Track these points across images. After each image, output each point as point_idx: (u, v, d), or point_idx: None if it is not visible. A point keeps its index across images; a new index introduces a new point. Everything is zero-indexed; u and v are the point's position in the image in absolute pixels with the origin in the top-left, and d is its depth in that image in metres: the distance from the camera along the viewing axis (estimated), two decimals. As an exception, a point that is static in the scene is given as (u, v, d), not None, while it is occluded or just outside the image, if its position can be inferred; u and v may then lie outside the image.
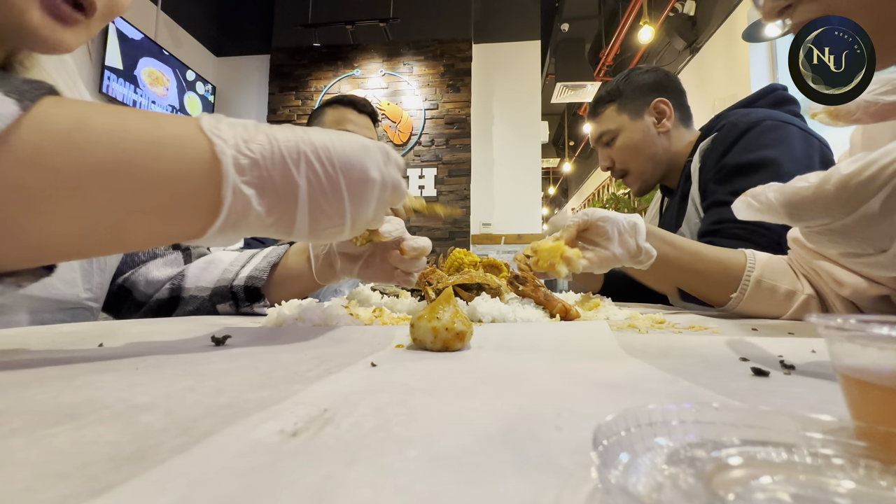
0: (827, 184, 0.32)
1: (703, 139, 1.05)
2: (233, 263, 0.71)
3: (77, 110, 0.28)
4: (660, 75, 1.19)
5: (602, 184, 7.27)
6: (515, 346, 0.41)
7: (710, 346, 0.40)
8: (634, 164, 1.19)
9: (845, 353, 0.18)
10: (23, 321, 0.56)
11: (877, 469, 0.13)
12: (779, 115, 0.98)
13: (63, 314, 0.61)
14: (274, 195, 0.32)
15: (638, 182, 1.20)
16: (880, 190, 0.30)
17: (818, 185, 0.32)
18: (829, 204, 0.32)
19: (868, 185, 0.30)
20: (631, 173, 1.20)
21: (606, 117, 1.20)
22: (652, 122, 1.15)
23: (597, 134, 1.23)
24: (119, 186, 0.28)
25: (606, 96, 1.20)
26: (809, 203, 0.32)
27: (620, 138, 1.18)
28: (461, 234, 4.11)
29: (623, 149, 1.18)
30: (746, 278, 0.67)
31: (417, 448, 0.17)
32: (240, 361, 0.32)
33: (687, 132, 1.17)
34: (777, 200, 0.34)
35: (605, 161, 1.23)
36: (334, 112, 1.37)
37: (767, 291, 0.66)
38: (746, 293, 0.67)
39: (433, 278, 0.68)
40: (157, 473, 0.14)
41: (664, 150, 1.16)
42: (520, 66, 4.49)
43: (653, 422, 0.15)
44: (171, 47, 3.93)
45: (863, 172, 0.30)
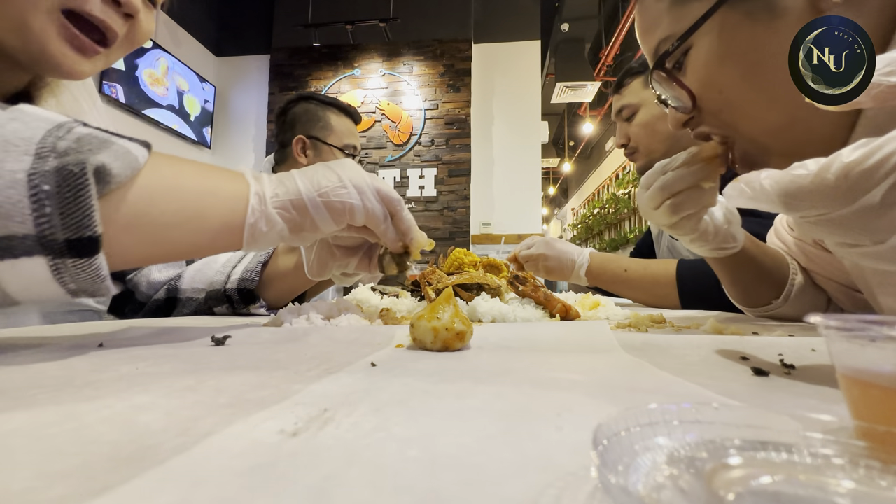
0: (827, 172, 0.30)
1: None
2: (224, 265, 0.71)
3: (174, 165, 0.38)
4: None
5: (602, 184, 7.27)
6: (515, 346, 0.41)
7: (710, 346, 0.40)
8: (647, 142, 1.13)
9: (845, 353, 0.18)
10: (34, 321, 0.57)
11: (877, 469, 0.13)
12: None
13: (72, 315, 0.62)
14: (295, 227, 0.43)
15: (643, 159, 1.15)
16: (884, 180, 0.28)
17: (817, 173, 0.30)
18: (829, 193, 0.30)
19: (872, 174, 0.28)
20: (640, 150, 1.15)
21: (631, 90, 1.15)
22: None
23: (618, 107, 1.18)
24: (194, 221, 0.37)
25: (636, 66, 1.15)
26: (807, 192, 0.31)
27: (640, 114, 1.13)
28: (461, 234, 4.11)
29: (641, 125, 1.13)
30: (791, 283, 0.63)
31: (417, 448, 0.17)
32: (240, 361, 0.32)
33: None
34: (772, 188, 0.32)
35: (622, 138, 1.18)
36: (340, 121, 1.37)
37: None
38: (791, 297, 0.63)
39: (433, 278, 0.68)
40: (157, 473, 0.14)
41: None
42: (520, 66, 4.49)
43: (653, 422, 0.15)
44: (171, 47, 3.93)
45: (866, 160, 0.28)
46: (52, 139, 0.29)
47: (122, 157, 0.32)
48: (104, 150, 0.31)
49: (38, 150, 0.28)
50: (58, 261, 0.29)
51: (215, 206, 0.39)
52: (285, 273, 0.70)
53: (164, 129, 3.87)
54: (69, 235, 0.28)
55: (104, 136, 0.32)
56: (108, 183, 0.30)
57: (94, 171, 0.29)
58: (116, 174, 0.31)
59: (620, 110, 1.17)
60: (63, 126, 0.31)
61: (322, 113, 1.36)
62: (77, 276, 0.30)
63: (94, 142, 0.31)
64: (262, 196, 0.41)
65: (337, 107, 1.38)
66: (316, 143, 1.34)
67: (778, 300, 0.63)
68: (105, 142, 0.32)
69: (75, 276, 0.30)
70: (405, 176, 4.17)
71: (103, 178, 0.30)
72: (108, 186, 0.30)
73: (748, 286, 0.65)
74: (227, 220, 0.39)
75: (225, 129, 4.61)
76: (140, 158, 0.33)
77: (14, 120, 0.29)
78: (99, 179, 0.30)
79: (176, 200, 0.36)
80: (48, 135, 0.29)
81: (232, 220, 0.40)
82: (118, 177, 0.31)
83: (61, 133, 0.30)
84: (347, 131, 1.37)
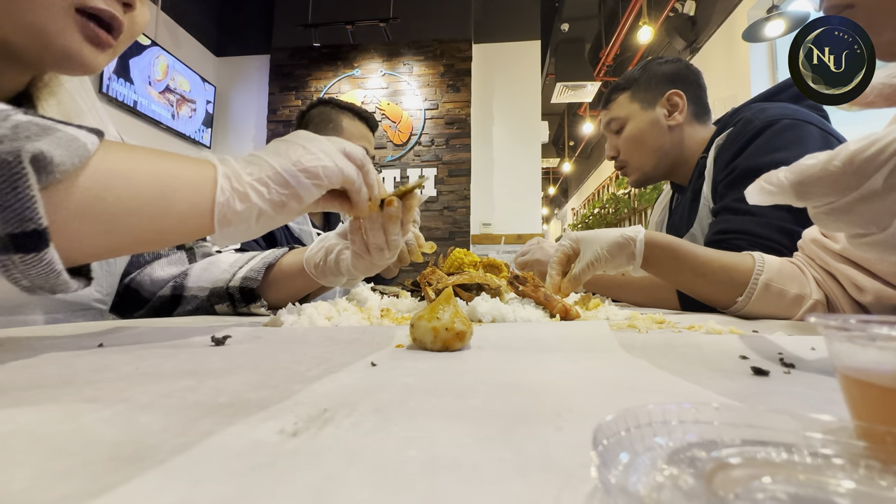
0: (835, 160, 0.32)
1: (718, 134, 1.00)
2: (231, 265, 0.71)
3: (126, 150, 0.36)
4: (679, 66, 1.13)
5: (602, 184, 7.27)
6: (515, 346, 0.41)
7: (710, 346, 0.40)
8: (636, 156, 1.14)
9: (845, 353, 0.18)
10: (38, 321, 0.58)
11: (877, 469, 0.13)
12: (798, 112, 0.91)
13: (75, 315, 0.62)
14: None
15: (636, 174, 1.16)
16: (884, 165, 0.30)
17: (826, 161, 0.32)
18: (836, 180, 0.32)
19: (872, 160, 0.31)
20: (630, 165, 1.16)
21: (618, 104, 1.15)
22: (663, 114, 1.10)
23: (606, 120, 1.18)
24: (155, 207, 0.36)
25: (622, 83, 1.15)
26: (816, 179, 0.33)
27: (628, 127, 1.13)
28: (461, 234, 4.11)
29: (629, 138, 1.13)
30: (754, 281, 0.66)
31: (417, 448, 0.17)
32: (240, 361, 0.32)
33: (701, 129, 1.11)
34: (786, 179, 0.34)
35: (612, 150, 1.19)
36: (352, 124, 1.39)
37: (776, 295, 0.66)
38: (753, 296, 0.66)
39: (433, 278, 0.68)
40: (157, 473, 0.14)
41: (672, 145, 1.10)
42: (520, 66, 4.49)
43: (653, 422, 0.15)
44: (172, 47, 3.93)
45: (868, 149, 0.31)
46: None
47: (67, 145, 0.30)
48: (44, 137, 0.29)
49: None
50: (3, 257, 0.27)
51: (178, 190, 0.37)
52: (290, 275, 0.70)
53: (164, 129, 3.87)
54: (11, 230, 0.27)
55: (46, 124, 0.30)
56: (51, 172, 0.29)
57: (30, 159, 0.27)
58: (60, 162, 0.29)
59: (609, 122, 1.18)
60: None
61: (336, 115, 1.38)
62: (27, 272, 0.29)
63: (32, 129, 0.29)
64: (232, 176, 0.40)
65: (352, 111, 1.40)
66: None
67: (741, 298, 0.67)
68: (46, 129, 0.30)
69: (26, 272, 0.29)
70: (405, 176, 4.17)
71: (44, 166, 0.28)
72: (51, 176, 0.29)
73: (697, 291, 0.74)
74: (194, 202, 0.38)
75: (225, 129, 4.61)
76: (89, 145, 0.32)
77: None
78: (39, 169, 0.28)
79: (133, 186, 0.35)
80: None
81: (199, 202, 0.38)
82: (62, 165, 0.29)
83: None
84: (359, 134, 1.39)
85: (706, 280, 0.71)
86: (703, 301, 0.75)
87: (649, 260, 0.71)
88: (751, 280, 0.67)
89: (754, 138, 0.90)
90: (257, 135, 4.54)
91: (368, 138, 1.41)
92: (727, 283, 0.69)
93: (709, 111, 1.14)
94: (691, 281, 0.73)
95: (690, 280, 0.73)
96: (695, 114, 1.11)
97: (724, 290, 0.69)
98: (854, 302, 0.64)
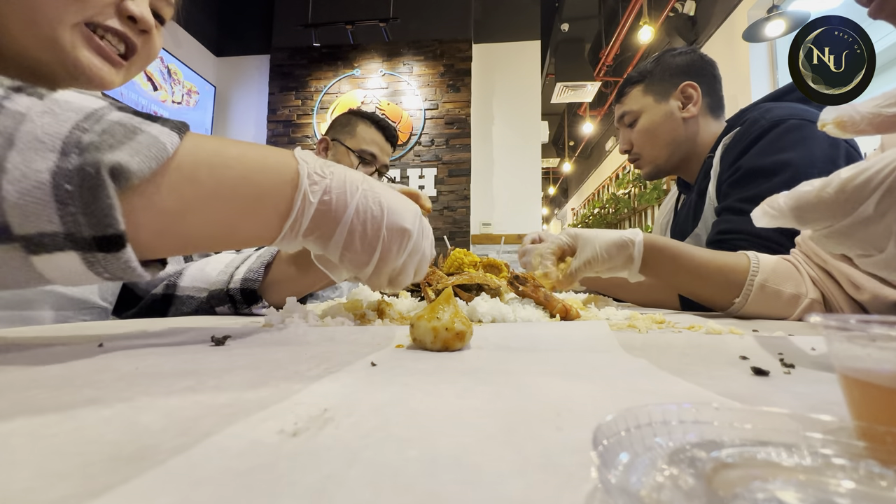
0: (828, 187, 0.34)
1: (726, 134, 0.99)
2: (228, 265, 0.71)
3: (214, 141, 0.37)
4: (694, 58, 1.11)
5: (602, 184, 7.27)
6: (515, 346, 0.41)
7: (710, 346, 0.40)
8: (650, 149, 1.13)
9: (845, 353, 0.18)
10: (47, 318, 0.58)
11: (877, 469, 0.13)
12: (805, 112, 0.90)
13: (82, 313, 0.63)
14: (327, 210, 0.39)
15: (649, 166, 1.15)
16: (874, 192, 0.32)
17: (820, 188, 0.34)
18: (830, 206, 0.34)
19: (863, 188, 0.32)
20: (643, 157, 1.15)
21: (631, 98, 1.14)
22: (677, 106, 1.08)
23: (619, 114, 1.18)
24: (240, 195, 0.36)
25: (636, 76, 1.14)
26: (812, 206, 0.34)
27: (641, 120, 1.12)
28: (461, 234, 4.11)
29: (642, 131, 1.12)
30: (750, 282, 0.67)
31: (417, 448, 0.17)
32: (240, 361, 0.32)
33: (715, 123, 1.10)
34: (786, 204, 0.36)
35: (625, 144, 1.18)
36: (367, 130, 1.44)
37: (772, 295, 0.66)
38: (749, 297, 0.67)
39: (433, 278, 0.68)
40: (157, 473, 0.14)
41: (686, 137, 1.09)
42: (520, 66, 4.49)
43: (653, 422, 0.15)
44: (171, 47, 3.93)
45: (858, 177, 0.32)
46: (78, 132, 0.29)
47: (145, 150, 0.31)
48: (126, 144, 0.30)
49: (63, 146, 0.28)
50: (89, 255, 0.30)
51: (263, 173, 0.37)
52: (289, 275, 0.69)
53: (164, 129, 3.86)
54: (95, 233, 0.29)
55: (133, 124, 0.31)
56: (129, 179, 0.30)
57: (109, 171, 0.29)
58: (136, 170, 0.31)
59: (622, 116, 1.17)
60: (93, 115, 0.30)
61: (354, 121, 1.45)
62: (109, 266, 0.31)
63: (117, 134, 0.30)
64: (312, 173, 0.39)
65: (370, 119, 1.46)
66: (336, 144, 1.43)
67: (738, 299, 0.68)
68: (131, 132, 0.31)
69: (107, 266, 0.31)
70: (405, 176, 4.17)
71: (121, 175, 0.30)
72: (128, 182, 0.31)
73: (699, 293, 0.74)
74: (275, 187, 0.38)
75: (225, 128, 4.61)
76: (168, 146, 0.33)
77: (46, 113, 0.29)
78: (116, 177, 0.30)
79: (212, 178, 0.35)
80: (75, 128, 0.29)
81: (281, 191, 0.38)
82: (139, 172, 0.31)
83: (88, 124, 0.30)
84: (370, 140, 1.43)
85: (704, 282, 0.71)
86: (701, 303, 0.75)
87: (647, 262, 0.70)
88: (746, 280, 0.67)
89: (760, 138, 0.90)
90: (257, 135, 4.54)
91: (379, 143, 1.45)
92: (724, 285, 0.69)
93: (723, 104, 1.13)
94: (689, 283, 0.73)
95: (688, 282, 0.73)
96: (709, 106, 1.10)
97: (721, 291, 0.70)
98: (851, 300, 0.64)
